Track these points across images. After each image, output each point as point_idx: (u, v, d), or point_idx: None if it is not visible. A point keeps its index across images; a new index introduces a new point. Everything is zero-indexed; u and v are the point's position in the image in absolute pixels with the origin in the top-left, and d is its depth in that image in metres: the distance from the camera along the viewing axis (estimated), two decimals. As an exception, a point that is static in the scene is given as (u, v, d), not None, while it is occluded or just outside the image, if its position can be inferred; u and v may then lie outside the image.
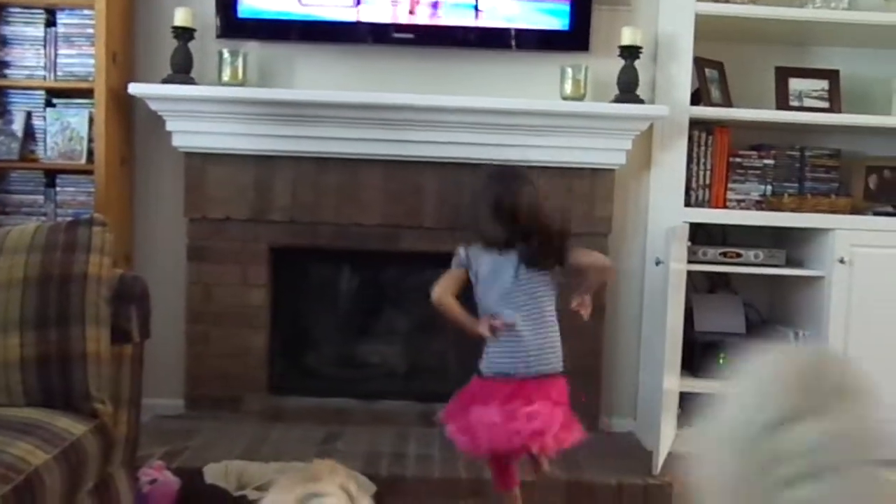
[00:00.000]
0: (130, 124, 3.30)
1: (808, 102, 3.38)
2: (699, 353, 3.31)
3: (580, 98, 3.20)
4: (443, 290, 2.38)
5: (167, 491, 2.44)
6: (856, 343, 3.18)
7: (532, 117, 3.11)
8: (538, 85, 3.27)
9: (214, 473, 2.52)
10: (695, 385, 3.27)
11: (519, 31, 3.20)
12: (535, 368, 2.31)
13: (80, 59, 3.12)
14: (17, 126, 3.15)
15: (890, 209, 3.36)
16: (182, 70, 3.13)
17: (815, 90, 3.40)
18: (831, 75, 3.42)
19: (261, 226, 3.23)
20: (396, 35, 3.20)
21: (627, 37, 3.14)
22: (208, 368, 3.24)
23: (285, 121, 3.13)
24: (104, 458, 1.89)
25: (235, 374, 3.22)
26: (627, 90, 3.17)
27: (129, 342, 2.07)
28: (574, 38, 3.21)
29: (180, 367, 3.26)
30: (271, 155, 3.19)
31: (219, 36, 3.22)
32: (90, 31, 3.09)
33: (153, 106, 3.13)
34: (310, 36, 3.26)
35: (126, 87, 3.08)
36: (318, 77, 3.30)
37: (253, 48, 3.26)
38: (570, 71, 3.19)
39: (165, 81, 3.11)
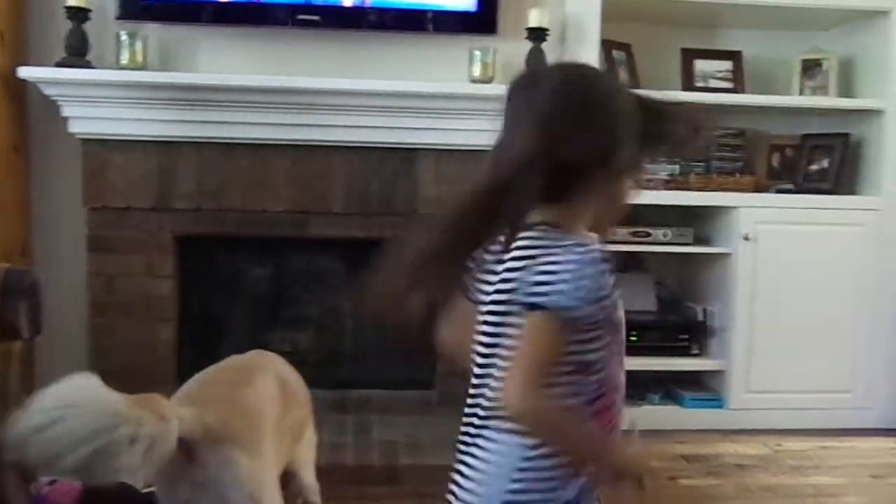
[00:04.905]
0: (23, 109, 3.15)
1: (712, 83, 3.45)
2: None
3: (489, 81, 3.18)
4: None
5: (68, 491, 2.35)
6: (761, 316, 3.28)
7: (440, 100, 3.08)
8: (447, 68, 3.24)
9: (119, 470, 2.44)
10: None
11: (426, 14, 3.17)
12: None
13: (-34, 42, 2.97)
14: None
15: (792, 187, 3.45)
16: (77, 53, 3.00)
17: (720, 71, 3.46)
18: (735, 56, 3.49)
19: (165, 214, 3.13)
20: (301, 17, 3.12)
21: (534, 18, 3.13)
22: (115, 362, 3.12)
23: (188, 106, 3.03)
24: (-9, 460, 1.81)
25: (143, 367, 3.12)
26: (536, 72, 3.17)
27: (18, 339, 1.97)
28: (482, 21, 3.19)
29: (85, 362, 3.15)
30: (174, 141, 3.09)
31: (118, 17, 3.10)
32: (-25, 11, 2.94)
33: (47, 91, 2.99)
34: (212, 18, 3.16)
35: (15, 71, 2.94)
36: (221, 61, 3.21)
37: (153, 31, 3.15)
38: (478, 54, 3.17)
39: (59, 65, 2.98)
